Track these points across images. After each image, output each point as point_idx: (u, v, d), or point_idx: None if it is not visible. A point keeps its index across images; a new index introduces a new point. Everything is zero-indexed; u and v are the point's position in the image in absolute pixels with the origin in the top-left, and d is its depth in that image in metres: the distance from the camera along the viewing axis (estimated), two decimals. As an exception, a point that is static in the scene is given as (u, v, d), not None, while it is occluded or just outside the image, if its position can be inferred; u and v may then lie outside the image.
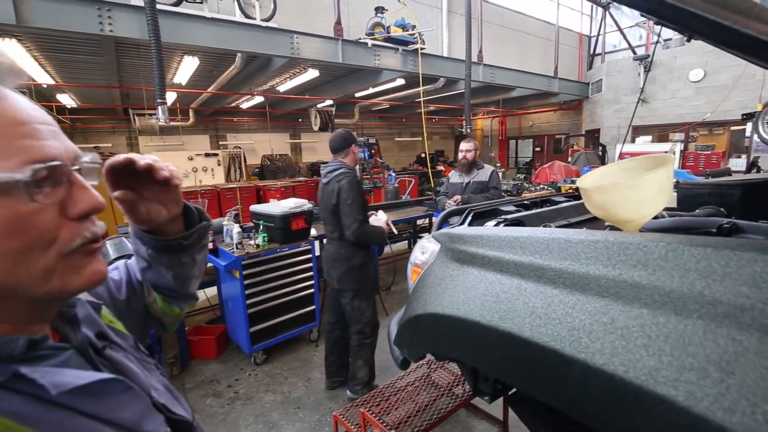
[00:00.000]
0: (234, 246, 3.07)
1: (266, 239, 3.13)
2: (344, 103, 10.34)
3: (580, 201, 1.59)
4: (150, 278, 0.75)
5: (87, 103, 9.10)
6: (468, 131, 6.51)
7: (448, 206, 3.28)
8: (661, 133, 9.44)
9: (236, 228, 3.10)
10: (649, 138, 9.40)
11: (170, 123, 4.50)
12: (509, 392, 1.31)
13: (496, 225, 1.36)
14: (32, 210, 0.40)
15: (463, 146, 3.64)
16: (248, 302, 3.00)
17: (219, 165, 9.32)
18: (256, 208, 3.36)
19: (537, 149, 14.94)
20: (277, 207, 3.21)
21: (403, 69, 6.58)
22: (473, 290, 0.98)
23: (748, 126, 7.18)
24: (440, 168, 12.43)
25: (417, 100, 8.24)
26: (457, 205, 2.75)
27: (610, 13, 11.68)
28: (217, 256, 3.11)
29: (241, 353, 3.30)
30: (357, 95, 9.24)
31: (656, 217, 1.29)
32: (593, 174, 1.33)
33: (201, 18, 4.60)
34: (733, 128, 8.85)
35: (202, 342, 3.34)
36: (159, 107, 3.92)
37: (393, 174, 7.46)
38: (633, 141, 9.25)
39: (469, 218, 1.52)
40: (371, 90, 8.49)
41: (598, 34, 12.44)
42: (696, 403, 0.52)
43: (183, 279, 0.76)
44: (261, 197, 8.59)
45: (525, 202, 1.86)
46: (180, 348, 3.20)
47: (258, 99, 8.96)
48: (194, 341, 3.33)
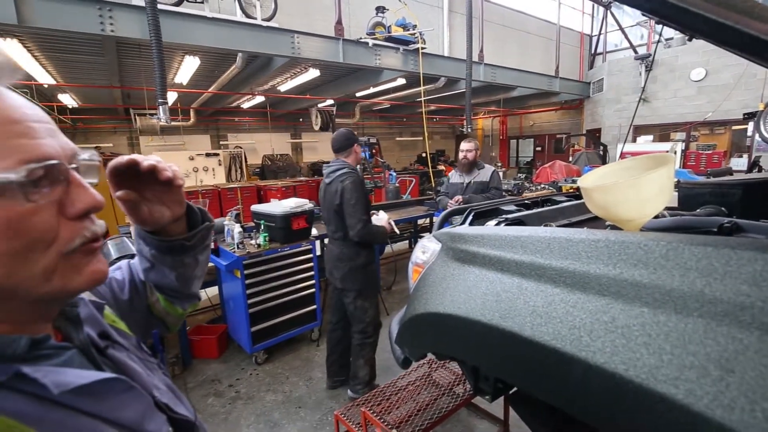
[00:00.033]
0: (235, 246, 3.07)
1: (267, 239, 3.13)
2: (345, 103, 10.35)
3: (581, 200, 1.59)
4: (153, 278, 0.75)
5: (88, 103, 9.12)
6: (469, 131, 6.51)
7: (450, 206, 3.28)
8: (663, 133, 9.42)
9: (237, 228, 3.11)
10: (651, 137, 9.38)
11: (171, 123, 4.50)
12: (510, 391, 1.31)
13: (497, 224, 1.37)
14: (29, 210, 0.39)
15: (464, 146, 3.62)
16: (249, 302, 3.00)
17: (220, 165, 9.33)
18: (257, 208, 3.36)
19: (538, 149, 14.94)
20: (278, 207, 3.21)
21: (404, 68, 6.58)
22: (474, 289, 0.99)
23: (750, 125, 7.17)
24: (441, 168, 12.42)
25: (418, 100, 8.24)
26: (459, 206, 2.75)
27: (612, 13, 11.66)
28: (219, 256, 3.12)
29: (243, 353, 3.31)
30: (358, 95, 9.24)
31: (657, 217, 1.29)
32: (594, 173, 1.34)
33: (202, 18, 4.60)
34: (735, 128, 8.84)
35: (204, 342, 3.34)
36: (160, 107, 3.93)
37: (394, 174, 7.45)
38: (634, 140, 9.23)
39: (470, 218, 1.52)
40: (372, 90, 8.50)
41: (600, 34, 12.43)
42: (696, 401, 0.52)
43: (185, 279, 0.76)
44: (262, 197, 8.60)
45: (526, 202, 1.86)
46: (181, 347, 3.21)
47: (259, 99, 8.98)
48: (195, 341, 3.34)
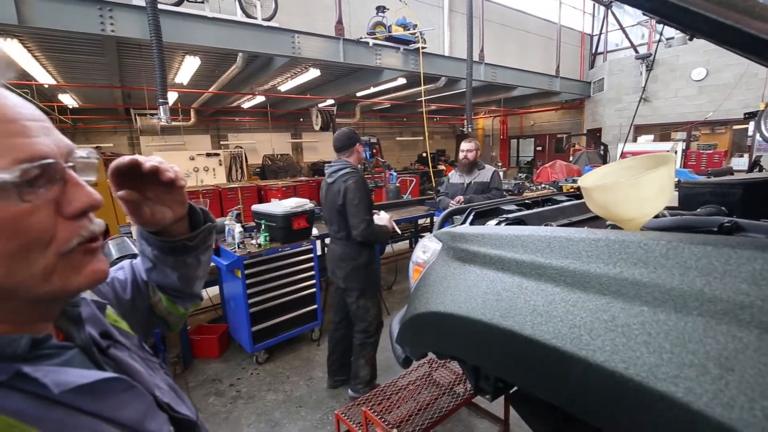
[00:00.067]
0: (236, 245, 3.08)
1: (268, 239, 3.14)
2: (345, 103, 10.35)
3: (582, 200, 1.60)
4: (155, 278, 0.75)
5: (88, 103, 9.13)
6: (469, 130, 6.51)
7: (451, 206, 3.28)
8: (663, 132, 9.42)
9: (238, 227, 3.11)
10: (651, 137, 9.38)
11: (172, 123, 4.51)
12: (510, 391, 1.31)
13: (498, 224, 1.37)
14: (24, 211, 0.39)
15: (464, 146, 3.60)
16: (250, 301, 3.00)
17: (220, 165, 9.33)
18: (258, 208, 3.36)
19: (538, 148, 14.93)
20: (279, 206, 3.21)
21: (405, 68, 6.58)
22: (475, 288, 0.99)
23: (751, 125, 7.17)
24: (441, 167, 12.42)
25: (418, 100, 8.23)
26: (459, 206, 2.75)
27: (612, 12, 11.65)
28: (219, 256, 3.12)
29: (243, 352, 3.32)
30: (358, 95, 9.25)
31: (658, 216, 1.29)
32: (595, 173, 1.34)
33: (202, 18, 4.61)
34: (736, 127, 8.84)
35: (205, 341, 3.35)
36: (160, 107, 3.93)
37: (394, 173, 7.45)
38: (635, 140, 9.23)
39: (471, 217, 1.53)
40: (372, 89, 8.50)
41: (600, 33, 12.42)
42: (695, 399, 0.52)
43: (188, 279, 0.76)
44: (262, 197, 8.60)
45: (526, 201, 1.87)
46: (182, 347, 3.21)
47: (259, 99, 8.98)
48: (196, 340, 3.34)
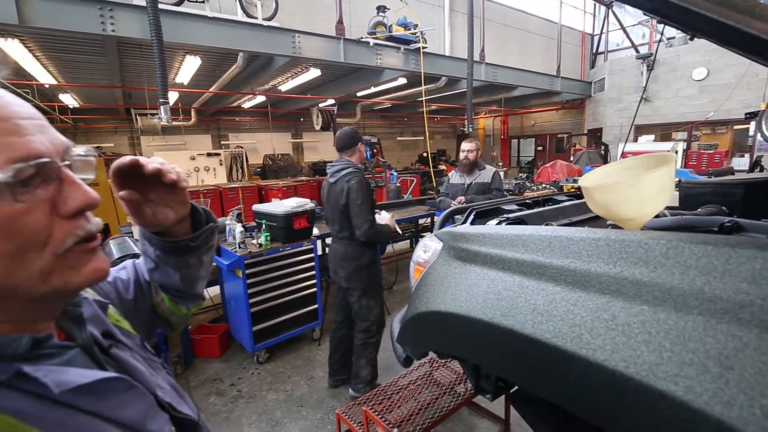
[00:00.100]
0: (237, 245, 3.08)
1: (269, 238, 3.14)
2: (346, 103, 10.35)
3: (582, 200, 1.60)
4: (157, 279, 0.75)
5: (89, 103, 9.14)
6: (470, 130, 6.51)
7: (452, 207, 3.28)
8: (664, 132, 9.41)
9: (239, 227, 3.12)
10: (652, 137, 9.38)
11: (172, 123, 4.51)
12: (511, 390, 1.31)
13: (499, 224, 1.37)
14: (18, 211, 0.38)
15: (465, 146, 3.57)
16: (251, 301, 3.01)
17: (221, 165, 9.33)
18: (259, 208, 3.37)
19: (539, 148, 14.92)
20: (280, 206, 3.22)
21: (405, 68, 6.58)
22: (475, 288, 0.99)
23: (752, 125, 7.17)
24: (442, 167, 12.42)
25: (419, 99, 8.24)
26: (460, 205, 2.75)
27: (613, 12, 11.64)
28: (220, 256, 3.12)
29: (244, 352, 3.32)
30: (359, 94, 9.25)
31: (658, 216, 1.29)
32: (595, 173, 1.34)
33: (203, 17, 4.61)
34: (737, 127, 8.82)
35: (206, 341, 3.35)
36: (161, 107, 3.93)
37: (395, 173, 7.45)
38: (635, 140, 9.23)
39: (471, 217, 1.53)
40: (373, 89, 8.50)
41: (601, 33, 12.40)
42: (695, 398, 0.53)
43: (190, 280, 0.76)
44: (263, 197, 8.60)
45: (527, 201, 1.87)
46: (183, 347, 3.22)
47: (260, 98, 8.99)
48: (197, 340, 3.35)
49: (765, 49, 1.05)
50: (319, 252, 3.46)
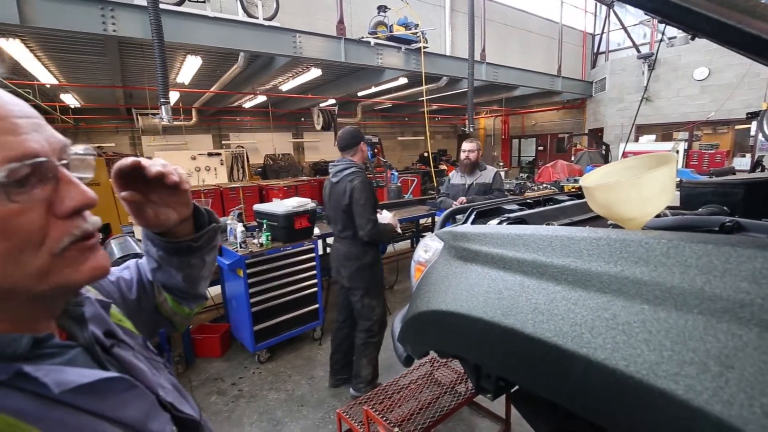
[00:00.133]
0: (238, 245, 3.08)
1: (270, 238, 3.14)
2: (347, 102, 10.36)
3: (583, 200, 1.60)
4: (160, 279, 0.75)
5: (90, 103, 9.16)
6: (471, 130, 6.51)
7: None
8: (665, 132, 9.40)
9: (240, 227, 3.12)
10: (653, 137, 9.37)
11: (173, 122, 4.51)
12: (512, 390, 1.32)
13: (499, 223, 1.37)
14: (12, 211, 0.38)
15: (466, 146, 3.55)
16: (252, 301, 3.01)
17: (222, 164, 9.33)
18: (260, 207, 3.37)
19: (540, 148, 14.92)
20: (281, 206, 3.22)
21: (406, 68, 6.58)
22: (476, 287, 0.99)
23: (753, 125, 7.16)
24: (443, 167, 12.42)
25: (420, 99, 8.25)
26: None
27: (614, 11, 11.61)
28: (221, 255, 3.12)
29: (245, 351, 3.32)
30: (359, 94, 9.25)
31: (659, 216, 1.29)
32: (596, 172, 1.34)
33: (204, 17, 4.62)
34: (738, 127, 8.81)
35: (207, 340, 3.36)
36: (162, 107, 3.93)
37: (396, 173, 7.45)
38: (637, 140, 9.22)
39: (472, 217, 1.53)
40: (374, 89, 8.51)
41: (602, 33, 12.38)
42: (695, 397, 0.53)
43: (192, 280, 0.76)
44: (264, 197, 8.61)
45: (528, 201, 1.87)
46: (184, 346, 3.22)
47: (260, 98, 8.99)
48: (198, 339, 3.35)
49: (766, 49, 1.05)
50: (320, 252, 3.46)
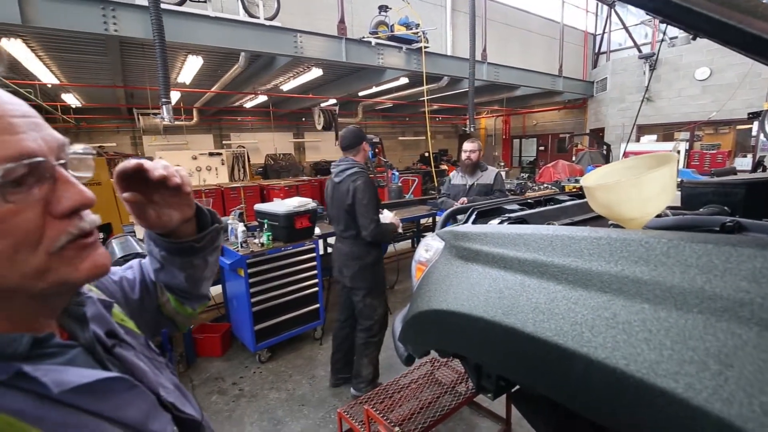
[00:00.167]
0: (238, 245, 3.09)
1: (270, 238, 3.14)
2: (348, 102, 10.36)
3: (584, 200, 1.60)
4: (163, 279, 0.75)
5: (91, 103, 9.18)
6: (471, 130, 6.51)
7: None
8: (667, 132, 9.39)
9: (241, 227, 3.12)
10: (654, 137, 9.36)
11: (174, 122, 4.52)
12: (512, 389, 1.32)
13: (500, 223, 1.37)
14: (9, 211, 0.38)
15: (467, 146, 3.54)
16: (253, 300, 3.02)
17: (223, 164, 9.34)
18: (261, 207, 3.38)
19: (541, 148, 14.91)
20: (282, 206, 3.22)
21: (407, 68, 6.59)
22: (477, 286, 0.99)
23: (754, 125, 7.15)
24: (444, 167, 12.42)
25: (420, 99, 8.25)
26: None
27: (616, 11, 11.60)
28: (222, 255, 3.13)
29: (246, 351, 3.33)
30: (360, 94, 9.25)
31: (660, 216, 1.30)
32: (597, 172, 1.34)
33: (205, 17, 4.63)
34: (739, 127, 8.80)
35: (207, 340, 3.36)
36: (163, 107, 3.95)
37: (396, 173, 7.45)
38: (638, 140, 9.21)
39: (473, 216, 1.53)
40: (375, 89, 8.51)
41: (603, 33, 12.37)
42: (695, 395, 0.53)
43: (195, 280, 0.76)
44: (265, 196, 8.62)
45: (529, 201, 1.87)
46: (185, 346, 3.23)
47: (261, 98, 9.00)
48: (199, 339, 3.36)
49: (767, 49, 1.05)
50: (321, 251, 3.46)
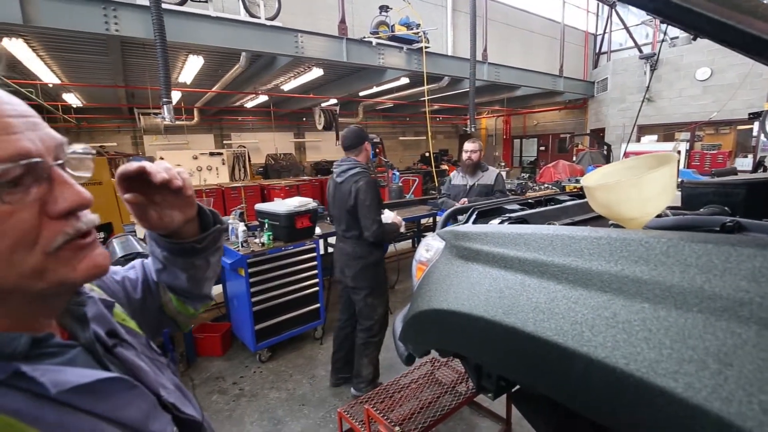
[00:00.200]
0: (239, 244, 3.09)
1: (271, 238, 3.15)
2: (348, 102, 10.36)
3: (585, 200, 1.60)
4: (165, 279, 0.75)
5: (92, 103, 9.19)
6: (472, 130, 6.51)
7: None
8: (667, 132, 9.39)
9: (241, 226, 3.13)
10: (655, 137, 9.35)
11: (175, 122, 4.53)
12: (512, 389, 1.32)
13: (501, 223, 1.37)
14: (5, 211, 0.38)
15: (468, 146, 3.53)
16: (253, 300, 3.02)
17: (223, 164, 9.36)
18: (261, 207, 3.38)
19: (541, 148, 14.90)
20: (282, 206, 3.23)
21: (408, 68, 6.58)
22: (477, 286, 1.00)
23: (755, 125, 7.14)
24: (444, 167, 12.42)
25: (421, 99, 8.25)
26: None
27: (617, 11, 11.58)
28: (223, 255, 3.13)
29: (246, 351, 3.33)
30: (361, 94, 9.25)
31: (660, 216, 1.30)
32: (597, 172, 1.34)
33: (206, 17, 4.63)
34: (740, 127, 8.80)
35: (208, 339, 3.37)
36: (164, 106, 3.95)
37: (397, 173, 7.46)
38: (638, 140, 9.21)
39: (474, 216, 1.53)
40: (375, 89, 8.51)
41: (604, 33, 12.35)
42: (695, 394, 0.53)
43: (197, 281, 0.76)
44: (265, 196, 8.63)
45: (529, 201, 1.87)
46: (186, 345, 3.24)
47: (262, 98, 9.00)
48: (200, 338, 3.36)
49: (767, 50, 1.06)
50: (322, 251, 3.46)
